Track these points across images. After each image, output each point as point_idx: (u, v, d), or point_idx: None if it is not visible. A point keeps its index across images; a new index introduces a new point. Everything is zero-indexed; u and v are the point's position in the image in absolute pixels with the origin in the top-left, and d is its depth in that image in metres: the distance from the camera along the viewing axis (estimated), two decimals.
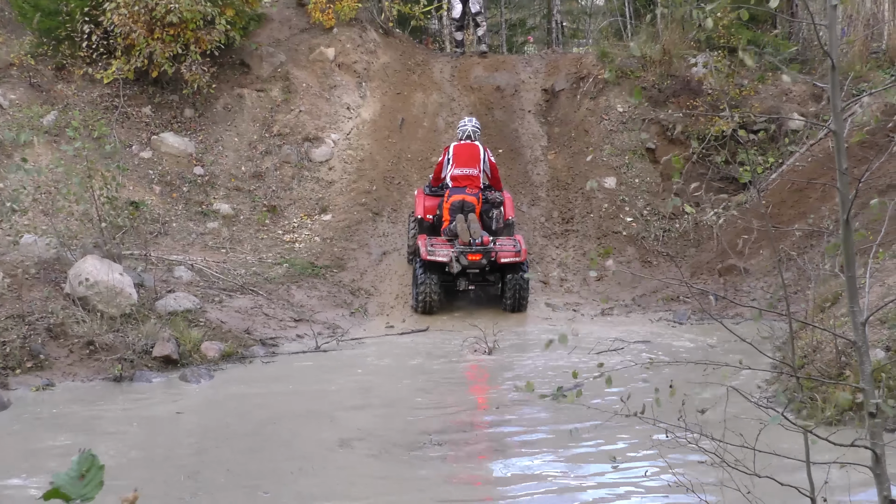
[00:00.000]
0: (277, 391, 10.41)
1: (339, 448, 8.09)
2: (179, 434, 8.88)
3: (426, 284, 14.05)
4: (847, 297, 3.43)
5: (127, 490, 1.91)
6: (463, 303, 14.86)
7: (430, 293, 14.11)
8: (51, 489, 1.65)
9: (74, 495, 1.66)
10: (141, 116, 17.92)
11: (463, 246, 13.95)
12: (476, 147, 15.07)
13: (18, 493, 7.07)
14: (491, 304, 14.83)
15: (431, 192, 15.30)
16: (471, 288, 14.60)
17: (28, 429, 8.95)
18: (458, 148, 14.96)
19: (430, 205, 15.14)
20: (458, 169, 14.71)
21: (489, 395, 10.49)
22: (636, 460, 7.54)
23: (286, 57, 19.52)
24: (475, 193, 14.62)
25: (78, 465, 1.68)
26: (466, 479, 7.61)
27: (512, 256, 14.01)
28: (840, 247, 3.35)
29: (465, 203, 14.42)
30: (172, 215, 16.43)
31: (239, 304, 13.45)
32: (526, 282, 14.21)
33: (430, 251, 13.91)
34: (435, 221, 14.94)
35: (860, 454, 3.73)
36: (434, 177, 15.32)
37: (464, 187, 14.58)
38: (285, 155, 18.06)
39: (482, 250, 13.94)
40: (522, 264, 14.10)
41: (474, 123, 15.46)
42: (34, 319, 11.04)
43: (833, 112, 3.02)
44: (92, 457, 1.69)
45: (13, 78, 17.46)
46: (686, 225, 16.75)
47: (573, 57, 21.18)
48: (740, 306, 12.97)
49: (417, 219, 15.13)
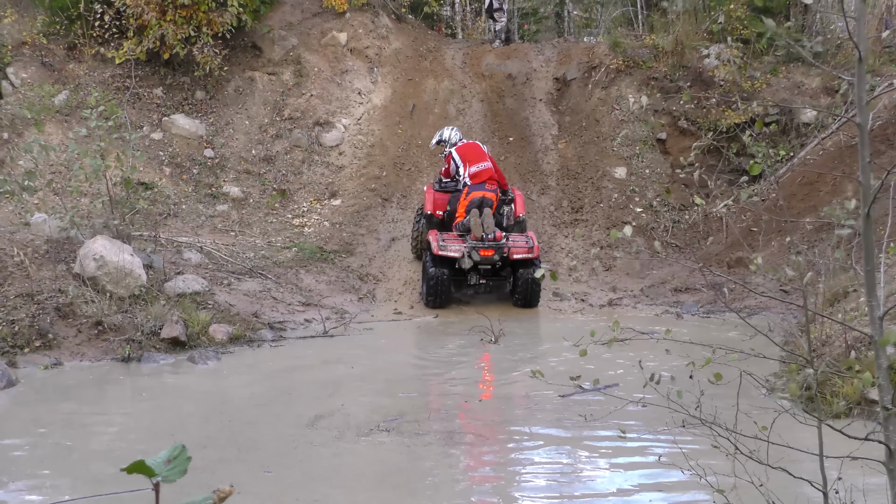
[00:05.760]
0: (284, 374, 10.42)
1: (345, 431, 8.09)
2: (184, 414, 8.89)
3: (437, 279, 13.82)
4: (865, 290, 3.41)
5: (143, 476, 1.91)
6: (472, 290, 14.81)
7: (441, 288, 13.90)
8: (136, 462, 1.68)
9: (158, 473, 1.71)
10: (152, 98, 17.92)
11: (475, 241, 13.73)
12: (477, 143, 15.09)
13: (18, 468, 7.09)
14: (500, 293, 14.78)
15: (442, 188, 15.12)
16: (482, 283, 14.42)
17: (35, 404, 8.98)
18: (461, 149, 14.83)
19: (440, 201, 14.96)
20: (474, 166, 14.51)
21: (495, 382, 10.48)
22: (648, 441, 7.55)
23: (298, 41, 19.50)
24: (494, 189, 14.42)
25: (168, 453, 1.74)
26: (484, 475, 7.61)
27: (524, 253, 13.81)
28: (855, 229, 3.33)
29: (485, 199, 14.19)
30: (182, 197, 16.45)
31: (247, 288, 13.45)
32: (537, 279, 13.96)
33: (442, 246, 13.69)
34: (445, 218, 14.76)
35: (873, 449, 3.71)
36: (444, 174, 15.20)
37: (483, 183, 14.36)
38: (296, 139, 18.05)
39: (494, 246, 13.72)
40: (535, 261, 13.85)
41: (456, 130, 15.41)
42: (43, 298, 11.06)
43: (858, 105, 3.00)
44: (182, 448, 1.75)
45: (25, 57, 17.47)
46: (696, 216, 16.71)
47: (585, 46, 21.10)
48: (751, 297, 12.94)
49: (427, 214, 14.90)
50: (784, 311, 11.90)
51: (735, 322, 12.17)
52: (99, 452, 7.63)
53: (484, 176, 14.42)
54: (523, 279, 13.95)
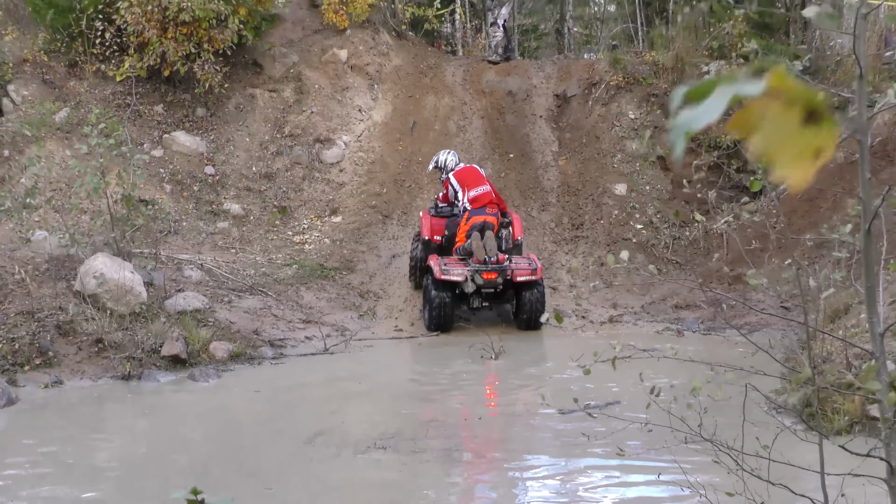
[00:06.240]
0: (284, 391, 10.41)
1: (343, 448, 8.07)
2: (185, 431, 8.88)
3: (441, 303, 13.54)
4: (866, 307, 3.40)
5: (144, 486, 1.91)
6: (474, 310, 14.73)
7: (444, 312, 13.59)
8: None
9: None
10: (153, 115, 17.95)
11: (478, 265, 13.44)
12: (475, 167, 14.86)
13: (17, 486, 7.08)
14: (500, 310, 14.72)
15: (438, 213, 14.82)
16: (484, 305, 14.11)
17: (35, 423, 8.96)
18: (459, 174, 14.49)
19: (437, 226, 14.62)
20: (473, 190, 14.16)
21: (495, 399, 10.47)
22: (648, 460, 7.53)
23: (299, 58, 19.54)
24: (495, 213, 14.09)
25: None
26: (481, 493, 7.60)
27: (528, 275, 13.51)
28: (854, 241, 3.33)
29: (486, 223, 13.83)
30: (183, 214, 16.45)
31: (248, 305, 13.44)
32: (543, 297, 13.74)
33: (445, 270, 13.33)
34: (444, 243, 14.41)
35: (874, 466, 3.71)
36: (442, 199, 14.87)
37: (483, 207, 13.99)
38: (296, 156, 18.07)
39: (497, 269, 13.44)
40: (538, 282, 13.65)
41: (453, 154, 15.10)
42: (44, 316, 11.05)
43: (859, 120, 3.00)
44: None
45: (26, 74, 17.50)
46: (696, 233, 16.69)
47: (585, 63, 21.13)
48: (752, 314, 12.93)
49: (424, 240, 14.58)
50: (785, 327, 11.89)
51: (736, 339, 12.16)
52: (100, 470, 7.62)
53: (484, 200, 14.10)
54: (529, 302, 13.69)
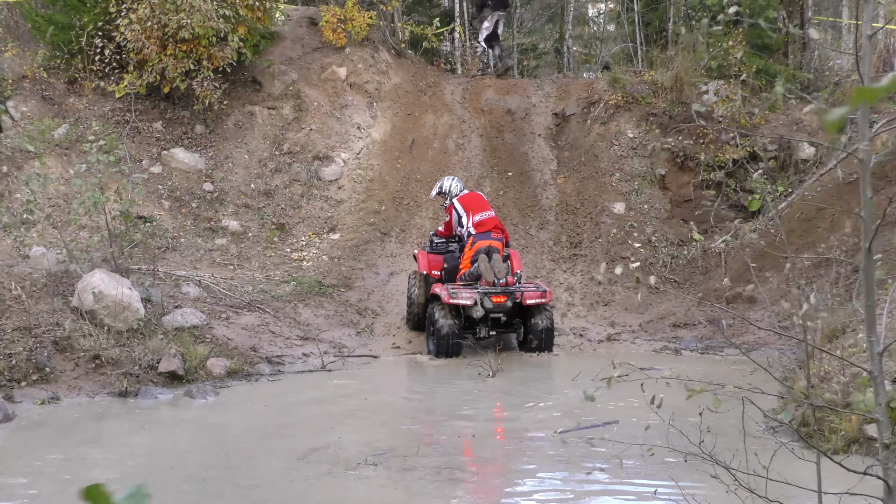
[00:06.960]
0: (281, 408, 10.39)
1: (336, 465, 8.05)
2: (182, 448, 8.85)
3: (448, 331, 13.11)
4: (865, 326, 3.40)
5: None
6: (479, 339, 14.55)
7: (452, 340, 13.15)
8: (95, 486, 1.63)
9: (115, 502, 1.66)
10: (152, 131, 17.97)
11: (486, 287, 13.13)
12: (479, 193, 14.71)
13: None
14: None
15: (434, 250, 14.52)
16: (491, 334, 13.72)
17: (32, 439, 8.94)
18: (464, 199, 14.23)
19: (434, 262, 14.29)
20: (478, 215, 13.88)
21: (491, 417, 10.44)
22: (645, 477, 7.51)
23: (298, 75, 19.57)
24: (500, 238, 13.81)
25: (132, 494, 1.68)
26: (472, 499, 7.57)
27: (538, 298, 13.25)
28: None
29: (492, 248, 13.53)
30: (181, 231, 16.45)
31: (246, 322, 13.43)
32: (552, 321, 13.50)
33: (453, 294, 12.95)
34: (443, 277, 14.04)
35: (871, 485, 3.70)
36: (443, 231, 14.58)
37: (488, 232, 13.72)
38: (295, 173, 18.08)
39: (506, 291, 13.12)
40: (547, 305, 13.46)
41: (457, 180, 14.86)
42: (41, 332, 11.04)
43: (861, 140, 3.01)
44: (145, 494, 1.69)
45: (25, 90, 17.53)
46: (694, 252, 16.69)
47: (584, 82, 21.17)
48: (750, 333, 12.93)
49: (423, 275, 14.22)
50: (783, 346, 11.88)
51: (734, 358, 12.16)
52: None
53: (489, 225, 13.83)
54: (540, 325, 13.43)
